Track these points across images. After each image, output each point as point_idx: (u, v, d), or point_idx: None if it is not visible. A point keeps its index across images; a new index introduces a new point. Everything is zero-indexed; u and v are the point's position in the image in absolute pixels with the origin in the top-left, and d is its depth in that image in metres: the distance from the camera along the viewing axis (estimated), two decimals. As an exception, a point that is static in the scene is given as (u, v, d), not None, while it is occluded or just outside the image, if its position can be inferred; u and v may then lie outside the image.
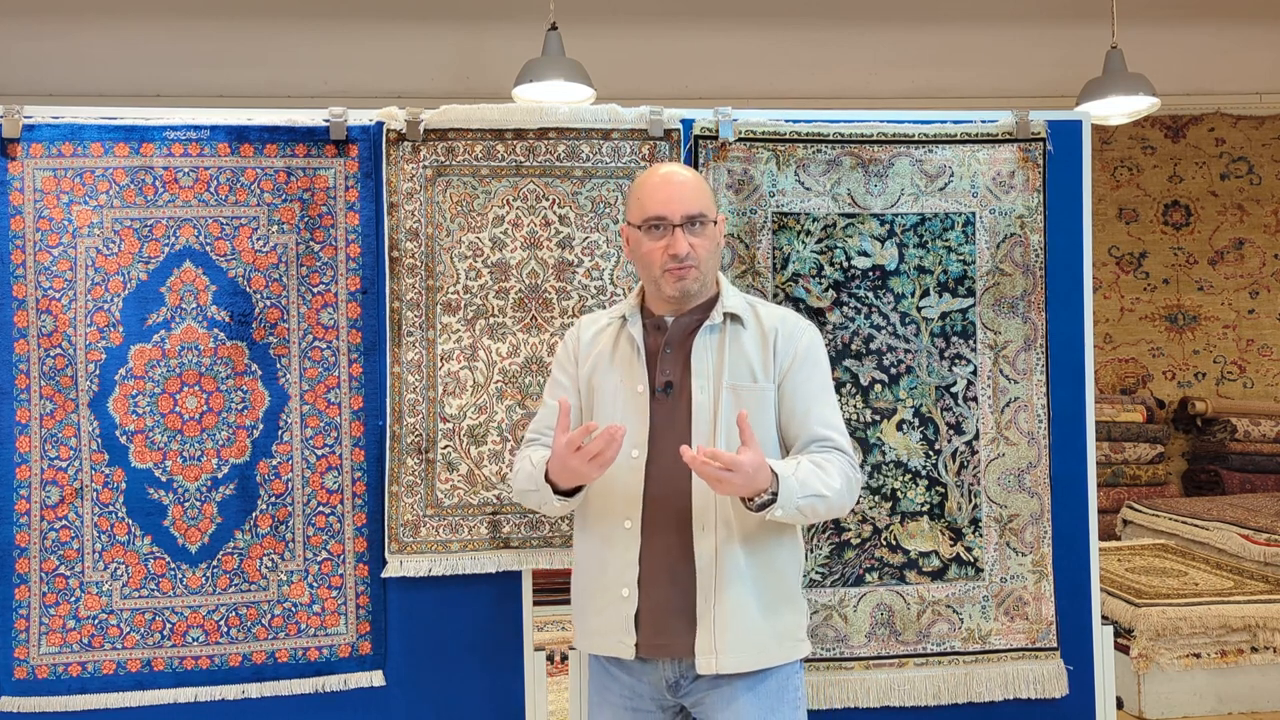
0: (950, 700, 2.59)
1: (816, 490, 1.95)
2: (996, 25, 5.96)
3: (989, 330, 2.64)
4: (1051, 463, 2.64)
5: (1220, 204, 6.56)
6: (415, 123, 2.50)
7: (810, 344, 2.12)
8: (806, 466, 1.98)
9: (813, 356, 2.12)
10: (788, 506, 1.92)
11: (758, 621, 2.02)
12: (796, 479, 1.93)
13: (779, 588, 2.07)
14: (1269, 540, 4.45)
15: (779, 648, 2.06)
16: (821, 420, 2.07)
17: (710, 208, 2.09)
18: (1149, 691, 3.72)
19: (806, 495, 1.94)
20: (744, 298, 2.17)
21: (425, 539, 2.48)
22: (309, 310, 2.48)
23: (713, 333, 2.08)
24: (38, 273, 2.38)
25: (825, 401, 2.10)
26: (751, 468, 1.86)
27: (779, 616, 2.06)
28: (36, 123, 2.40)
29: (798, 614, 2.11)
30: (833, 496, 1.98)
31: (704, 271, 2.07)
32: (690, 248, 2.03)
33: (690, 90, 5.87)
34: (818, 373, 2.12)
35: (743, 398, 2.04)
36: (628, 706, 2.08)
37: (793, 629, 2.09)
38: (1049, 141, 2.66)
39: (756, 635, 2.02)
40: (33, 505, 2.38)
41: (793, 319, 2.15)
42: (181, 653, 2.41)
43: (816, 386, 2.10)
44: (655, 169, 2.15)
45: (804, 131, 2.61)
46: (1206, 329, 6.53)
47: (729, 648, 2.00)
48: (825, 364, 2.15)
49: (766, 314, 2.14)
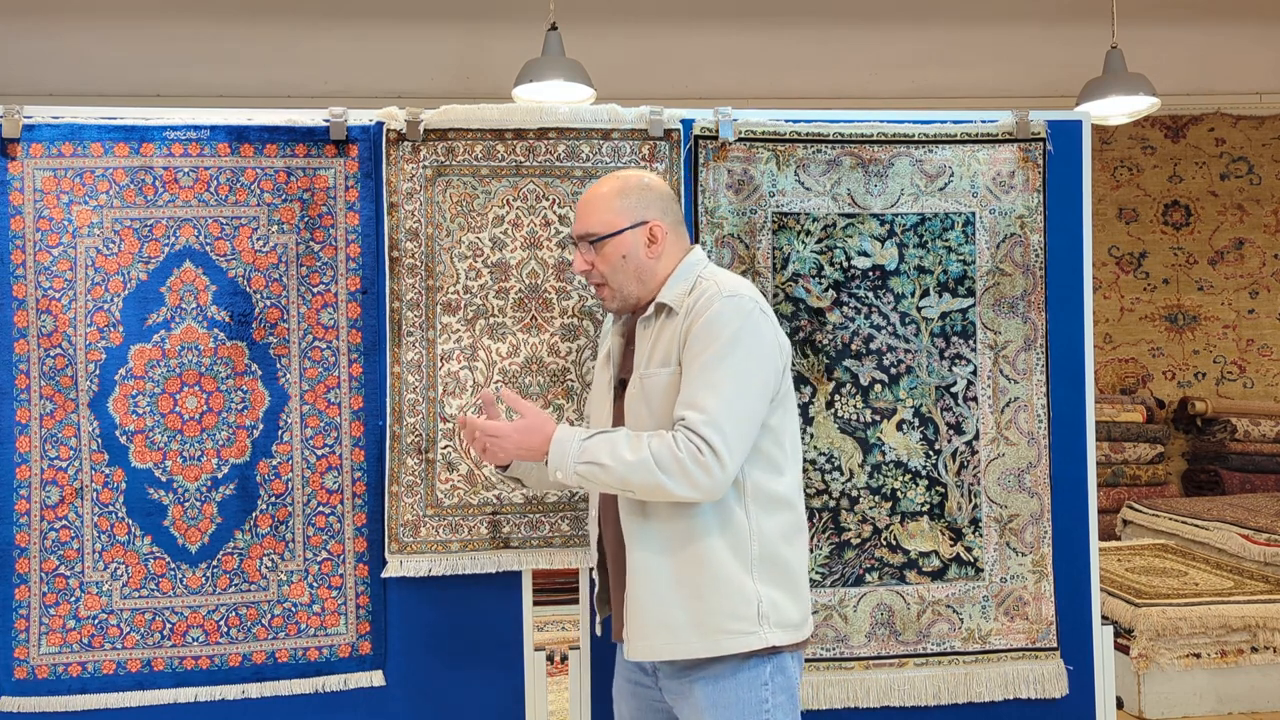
0: (950, 700, 2.59)
1: (597, 459, 1.90)
2: (997, 25, 5.96)
3: (989, 330, 2.64)
4: (1051, 463, 2.64)
5: (1220, 204, 6.56)
6: (415, 123, 2.50)
7: (713, 317, 1.94)
8: (607, 437, 1.93)
9: (709, 331, 1.94)
10: (565, 470, 1.92)
11: (666, 609, 1.94)
12: (580, 444, 1.92)
13: (704, 573, 1.94)
14: (1269, 540, 4.45)
15: (702, 637, 1.93)
16: (687, 400, 1.91)
17: (605, 223, 2.04)
18: (1149, 691, 3.72)
19: (585, 461, 1.91)
20: (690, 282, 2.04)
21: (425, 539, 2.48)
22: (309, 310, 2.48)
23: (646, 326, 2.06)
24: (38, 273, 2.38)
25: (704, 380, 1.91)
26: (516, 432, 1.94)
27: (701, 603, 1.93)
28: (36, 123, 2.40)
29: (737, 601, 1.94)
30: (616, 466, 1.88)
31: (615, 287, 2.06)
32: (590, 265, 2.07)
33: (690, 90, 5.87)
34: (708, 345, 1.93)
35: (647, 385, 2.00)
36: (630, 680, 2.13)
37: (725, 618, 1.93)
38: (1049, 141, 2.66)
39: (666, 623, 1.94)
40: (33, 505, 2.38)
41: (710, 294, 1.98)
42: (181, 653, 2.41)
43: (702, 363, 1.92)
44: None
45: (804, 131, 2.61)
46: (1206, 329, 6.53)
47: (636, 634, 1.97)
48: (725, 338, 1.93)
49: (696, 294, 2.01)
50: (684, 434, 1.88)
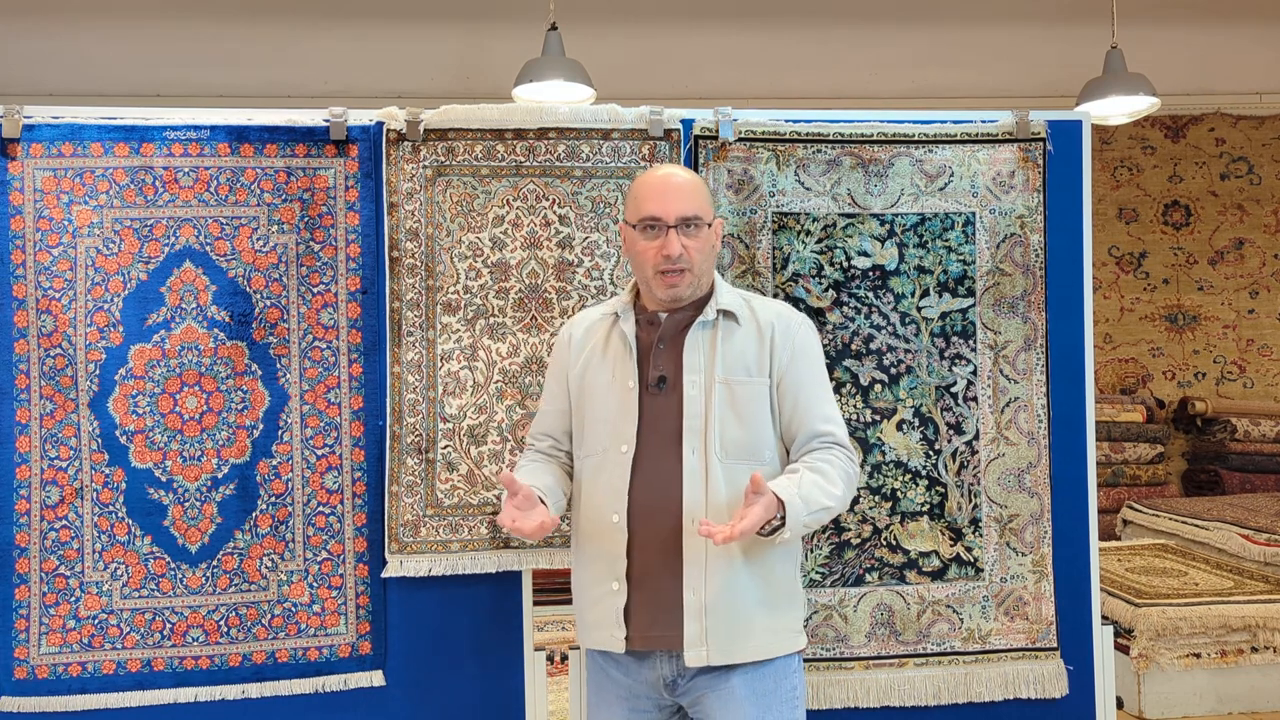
0: (950, 700, 2.59)
1: (821, 504, 1.99)
2: (996, 25, 5.96)
3: (989, 330, 2.64)
4: (1051, 463, 2.64)
5: (1220, 204, 6.56)
6: (415, 123, 2.50)
7: (807, 339, 2.14)
8: (808, 480, 2.00)
9: (810, 351, 2.14)
10: (795, 528, 1.96)
11: (747, 613, 2.03)
12: (801, 498, 1.96)
13: (771, 580, 2.07)
14: (1269, 540, 4.45)
15: (771, 640, 2.06)
16: (822, 415, 2.09)
17: (706, 210, 2.10)
18: (1149, 691, 3.72)
19: (813, 511, 1.98)
20: (739, 294, 2.18)
21: (425, 539, 2.48)
22: (309, 310, 2.48)
23: (705, 329, 2.09)
24: (38, 273, 2.38)
25: (823, 396, 2.13)
26: (763, 509, 1.91)
27: (771, 609, 2.06)
28: (36, 123, 2.40)
29: (792, 607, 2.12)
30: (836, 505, 2.02)
31: (697, 274, 2.08)
32: (684, 249, 2.04)
33: (690, 90, 5.87)
34: (815, 367, 2.14)
35: (736, 393, 2.06)
36: (626, 705, 2.09)
37: (787, 622, 2.10)
38: (1049, 141, 2.66)
39: (745, 627, 2.03)
40: (33, 505, 2.38)
41: (788, 314, 2.16)
42: (181, 653, 2.41)
43: (815, 381, 2.12)
44: (655, 169, 2.16)
45: (804, 131, 2.61)
46: (1206, 329, 6.53)
47: (717, 639, 2.01)
48: (821, 357, 2.18)
49: (762, 309, 2.15)
50: (839, 449, 2.07)
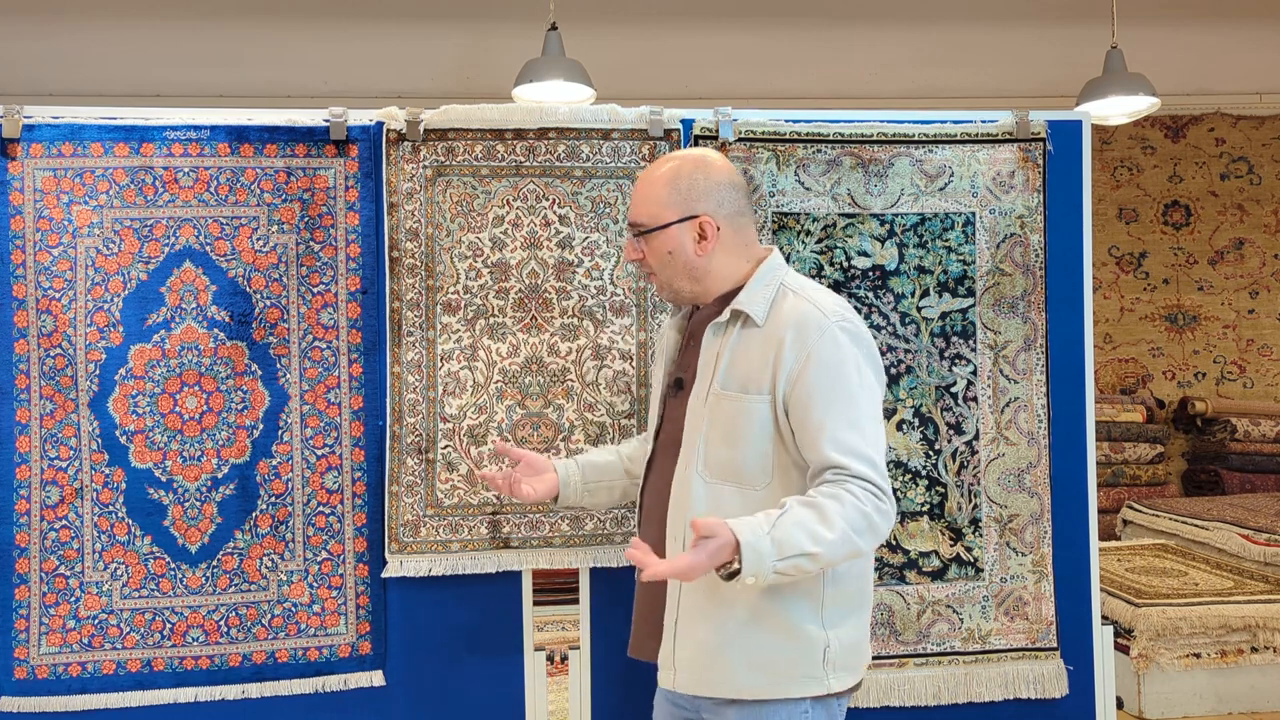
0: (950, 700, 2.59)
1: (801, 549, 1.67)
2: (996, 25, 5.96)
3: (989, 330, 2.64)
4: (1051, 463, 2.64)
5: (1220, 204, 6.56)
6: (415, 123, 2.50)
7: (829, 349, 1.81)
8: (792, 518, 1.70)
9: (828, 362, 1.80)
10: (761, 574, 1.66)
11: (724, 644, 1.82)
12: (772, 540, 1.66)
13: (766, 614, 1.81)
14: (1269, 540, 4.45)
15: (759, 680, 1.81)
16: (835, 443, 1.76)
17: (652, 216, 1.92)
18: (1149, 691, 3.72)
19: (787, 557, 1.67)
20: (773, 290, 1.90)
21: (425, 539, 2.48)
22: (309, 310, 2.48)
23: (717, 332, 1.91)
24: (38, 273, 2.38)
25: (842, 417, 1.77)
26: (709, 558, 1.64)
27: (761, 646, 1.81)
28: (36, 123, 2.40)
29: (802, 648, 1.82)
30: (825, 551, 1.69)
31: (664, 280, 1.95)
32: (640, 255, 1.96)
33: (690, 90, 5.87)
34: (833, 383, 1.80)
35: (724, 408, 1.86)
36: (668, 700, 1.99)
37: (788, 664, 1.82)
38: (1049, 141, 2.66)
39: (722, 659, 1.82)
40: (33, 505, 2.38)
41: (814, 318, 1.84)
42: (181, 653, 2.41)
43: (829, 400, 1.78)
44: None
45: (804, 131, 2.61)
46: (1206, 329, 6.53)
47: (685, 665, 1.86)
48: (849, 370, 1.81)
49: (789, 310, 1.86)
50: (856, 485, 1.73)
